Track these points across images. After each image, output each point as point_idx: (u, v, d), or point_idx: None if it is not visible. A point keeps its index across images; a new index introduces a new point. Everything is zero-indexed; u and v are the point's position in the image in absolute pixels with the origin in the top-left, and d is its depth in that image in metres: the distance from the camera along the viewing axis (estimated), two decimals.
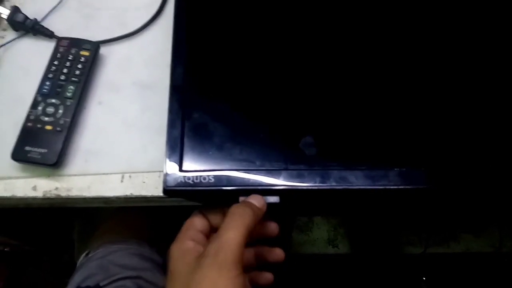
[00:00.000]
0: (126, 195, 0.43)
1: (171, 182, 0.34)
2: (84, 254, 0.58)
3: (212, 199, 0.37)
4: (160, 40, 0.50)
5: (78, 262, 0.58)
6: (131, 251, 0.55)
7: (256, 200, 0.35)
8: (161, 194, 0.37)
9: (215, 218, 0.38)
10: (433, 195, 0.38)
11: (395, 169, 0.36)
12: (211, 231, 0.38)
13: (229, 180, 0.35)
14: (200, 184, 0.34)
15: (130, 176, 0.44)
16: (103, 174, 0.44)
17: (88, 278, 0.52)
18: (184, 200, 0.44)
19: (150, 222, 0.65)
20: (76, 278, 0.53)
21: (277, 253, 0.40)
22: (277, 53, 0.41)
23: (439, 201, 0.49)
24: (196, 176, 0.35)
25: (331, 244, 1.03)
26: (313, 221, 1.04)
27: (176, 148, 0.36)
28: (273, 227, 0.40)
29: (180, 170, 0.35)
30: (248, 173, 0.35)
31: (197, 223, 0.38)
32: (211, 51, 0.40)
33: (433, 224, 1.05)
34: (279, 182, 0.35)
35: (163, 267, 0.55)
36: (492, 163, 0.37)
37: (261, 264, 0.40)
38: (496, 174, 0.37)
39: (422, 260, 1.02)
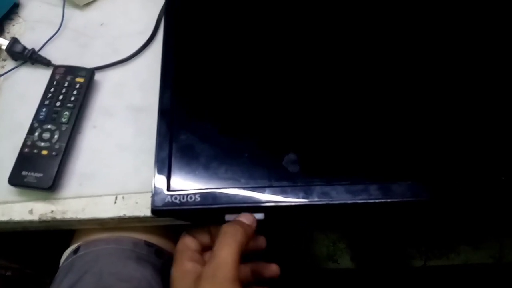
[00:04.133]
0: (120, 216, 0.45)
1: (158, 202, 0.36)
2: (72, 249, 0.51)
3: (199, 218, 0.38)
4: (152, 65, 0.52)
5: (64, 258, 0.52)
6: (127, 253, 0.50)
7: (245, 218, 0.37)
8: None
9: (203, 237, 0.39)
10: (413, 207, 0.39)
11: (375, 183, 0.37)
12: (203, 250, 0.40)
13: (215, 199, 0.36)
14: (186, 203, 0.36)
15: (123, 197, 0.46)
16: (97, 196, 0.45)
17: (78, 282, 0.46)
18: (176, 220, 0.46)
19: None
20: (65, 283, 0.47)
21: (273, 269, 0.41)
22: (258, 76, 0.43)
23: (425, 213, 0.50)
24: (183, 196, 0.36)
25: (331, 259, 1.03)
26: (312, 236, 1.04)
27: (164, 169, 0.37)
28: (261, 241, 0.41)
29: (168, 190, 0.36)
30: (233, 191, 0.37)
31: (190, 243, 0.39)
32: (197, 76, 0.42)
33: (433, 237, 1.05)
34: (264, 199, 0.37)
35: (161, 271, 0.51)
36: (470, 176, 0.39)
37: (258, 280, 0.42)
38: (476, 186, 0.38)
39: (422, 273, 1.02)
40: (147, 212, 0.45)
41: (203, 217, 0.38)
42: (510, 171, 0.39)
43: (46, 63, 0.53)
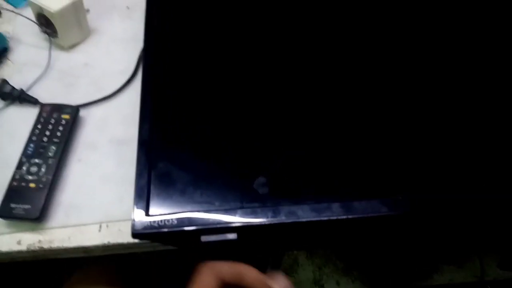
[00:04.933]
0: (104, 244, 0.47)
1: (138, 226, 0.39)
2: None
3: (177, 240, 0.41)
4: (134, 100, 0.56)
5: None
6: None
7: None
8: (135, 240, 0.42)
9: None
10: (374, 223, 0.43)
11: (338, 201, 0.41)
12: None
13: (190, 221, 0.39)
14: (164, 226, 0.39)
15: (107, 226, 0.48)
16: (82, 225, 0.48)
17: None
18: (159, 245, 0.48)
19: (120, 279, 0.63)
20: None
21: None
22: (228, 108, 0.47)
23: (391, 231, 0.53)
24: (161, 220, 0.39)
25: (317, 285, 1.04)
26: (298, 262, 1.06)
27: (143, 196, 0.41)
28: None
29: (147, 215, 0.39)
30: (207, 213, 0.40)
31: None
32: (173, 110, 0.46)
33: (415, 258, 1.08)
34: (236, 219, 0.40)
35: None
36: (429, 192, 0.42)
37: None
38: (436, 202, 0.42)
39: None
40: (130, 239, 0.47)
41: (180, 238, 0.41)
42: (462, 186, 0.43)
43: (33, 102, 0.56)
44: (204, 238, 0.40)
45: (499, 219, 0.46)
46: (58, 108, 0.54)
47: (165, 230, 0.39)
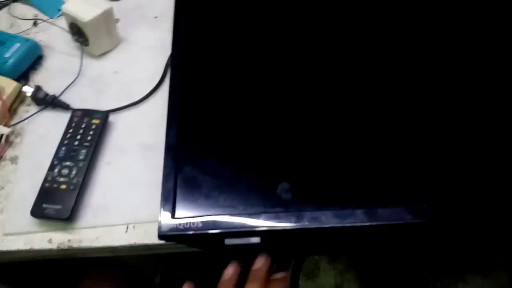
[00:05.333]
0: (131, 244, 0.49)
1: (164, 228, 0.40)
2: None
3: (201, 242, 0.42)
4: (161, 106, 0.57)
5: None
6: None
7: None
8: (161, 241, 0.43)
9: None
10: (399, 230, 0.43)
11: (361, 208, 0.41)
12: None
13: (215, 224, 0.40)
14: (189, 228, 0.40)
15: (134, 227, 0.50)
16: (110, 225, 0.50)
17: None
18: (184, 247, 0.50)
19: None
20: None
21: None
22: (253, 115, 0.48)
23: (418, 239, 0.53)
24: (186, 222, 0.40)
25: None
26: (319, 267, 1.06)
27: (169, 199, 0.42)
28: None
29: (173, 217, 0.41)
30: (232, 217, 0.41)
31: None
32: (200, 115, 0.48)
33: (441, 266, 1.06)
34: (259, 224, 0.40)
35: None
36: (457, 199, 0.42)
37: None
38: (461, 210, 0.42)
39: None
40: (156, 240, 0.49)
41: (204, 241, 0.42)
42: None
43: (65, 107, 0.59)
44: (228, 241, 0.41)
45: None
46: (89, 113, 0.56)
47: (190, 232, 0.40)
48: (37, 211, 0.48)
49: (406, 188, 0.43)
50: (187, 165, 0.44)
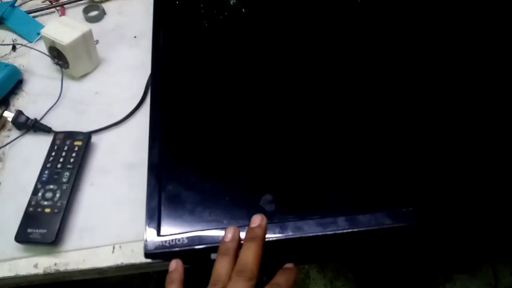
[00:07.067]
0: (117, 264, 0.49)
1: (150, 246, 0.40)
2: None
3: (188, 258, 0.42)
4: (143, 125, 0.57)
5: None
6: None
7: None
8: (147, 260, 0.43)
9: None
10: (379, 235, 0.44)
11: (343, 215, 0.42)
12: None
13: (201, 240, 0.41)
14: (175, 245, 0.40)
15: (120, 247, 0.50)
16: (96, 247, 0.50)
17: None
18: None
19: None
20: None
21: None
22: (233, 130, 0.49)
23: (400, 244, 0.54)
24: (172, 239, 0.41)
25: None
26: (309, 276, 1.06)
27: (154, 217, 0.42)
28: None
29: (158, 235, 0.41)
30: (217, 231, 0.41)
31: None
32: (181, 133, 0.49)
33: (427, 267, 1.07)
34: (244, 236, 0.41)
35: None
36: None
37: None
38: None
39: None
40: (143, 259, 0.49)
41: (191, 257, 0.42)
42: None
43: (47, 130, 0.59)
44: (214, 256, 0.41)
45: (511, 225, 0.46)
46: (71, 135, 0.56)
47: (177, 249, 0.40)
48: (22, 236, 0.48)
49: (385, 194, 0.44)
50: (171, 182, 0.45)
